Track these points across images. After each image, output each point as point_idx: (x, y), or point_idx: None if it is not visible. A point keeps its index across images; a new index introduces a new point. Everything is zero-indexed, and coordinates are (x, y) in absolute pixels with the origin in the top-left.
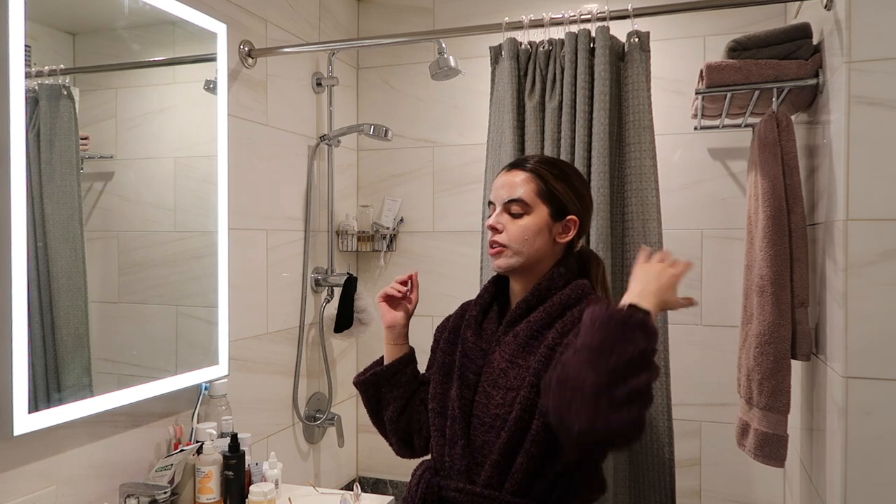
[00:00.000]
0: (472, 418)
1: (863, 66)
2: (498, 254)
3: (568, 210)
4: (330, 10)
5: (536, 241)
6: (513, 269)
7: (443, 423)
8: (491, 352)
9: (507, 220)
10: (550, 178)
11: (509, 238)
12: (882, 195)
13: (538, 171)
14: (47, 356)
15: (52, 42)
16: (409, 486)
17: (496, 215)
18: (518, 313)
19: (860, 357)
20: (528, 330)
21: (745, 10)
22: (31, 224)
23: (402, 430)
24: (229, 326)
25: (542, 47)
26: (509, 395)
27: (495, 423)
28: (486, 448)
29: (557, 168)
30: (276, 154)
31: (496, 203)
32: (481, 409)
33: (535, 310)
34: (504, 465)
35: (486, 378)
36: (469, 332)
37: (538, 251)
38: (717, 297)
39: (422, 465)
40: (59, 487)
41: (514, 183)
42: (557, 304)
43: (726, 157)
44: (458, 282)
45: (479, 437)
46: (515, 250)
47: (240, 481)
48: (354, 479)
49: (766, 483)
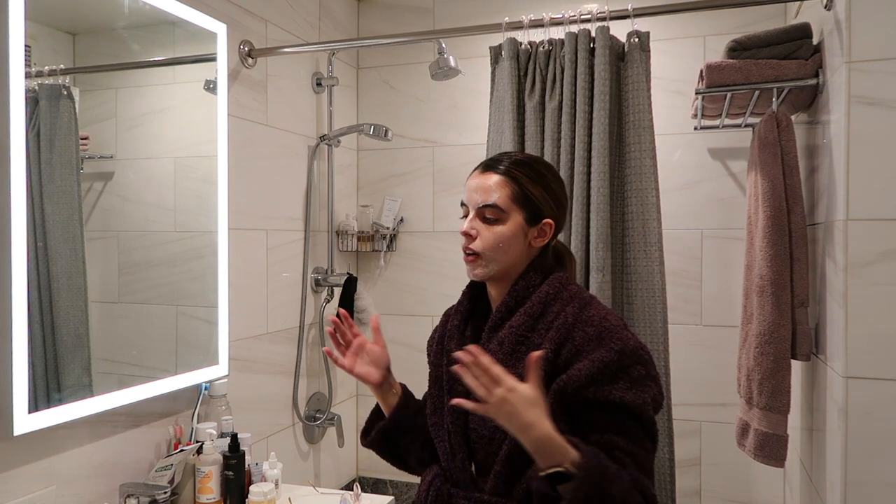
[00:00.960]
0: (470, 432)
1: (863, 66)
2: (473, 262)
3: (543, 214)
4: (330, 10)
5: (511, 247)
6: (489, 277)
7: (443, 436)
8: None
9: (481, 226)
10: (526, 181)
11: (483, 246)
12: (882, 195)
13: (513, 175)
14: (47, 356)
15: (52, 42)
16: (418, 492)
17: (469, 221)
18: (499, 318)
19: (860, 357)
20: (513, 336)
21: (745, 10)
22: (31, 224)
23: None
24: (229, 326)
25: (542, 47)
26: None
27: (494, 435)
28: (489, 460)
29: (532, 170)
30: (276, 154)
31: (469, 206)
32: (478, 422)
33: (516, 313)
34: (509, 476)
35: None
36: (452, 344)
37: (514, 257)
38: (717, 297)
39: (430, 471)
40: (59, 487)
41: (489, 187)
42: (537, 303)
43: (726, 157)
44: (458, 282)
45: (480, 449)
46: (490, 258)
47: (240, 481)
48: (354, 479)
49: (766, 483)
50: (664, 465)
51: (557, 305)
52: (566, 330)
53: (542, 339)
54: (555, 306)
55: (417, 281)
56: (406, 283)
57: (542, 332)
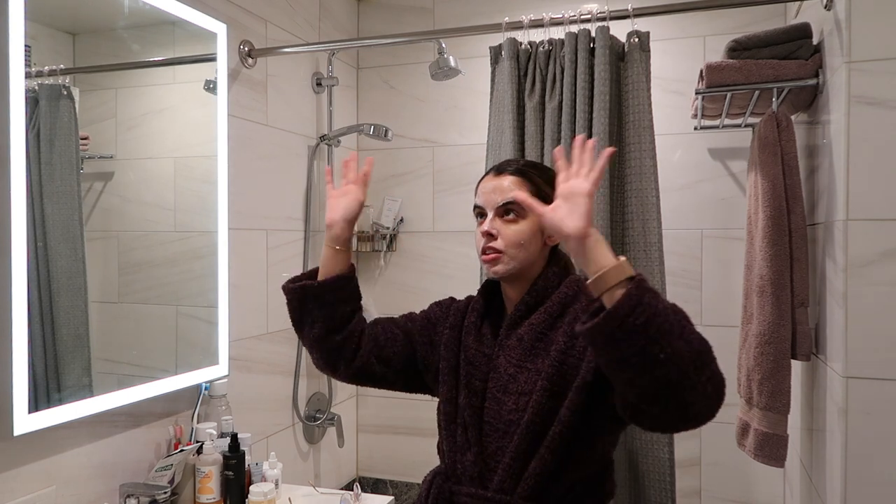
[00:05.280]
0: (484, 425)
1: (863, 66)
2: (494, 260)
3: None
4: (330, 10)
5: (531, 244)
6: (509, 275)
7: (454, 429)
8: (495, 357)
9: (501, 225)
10: (539, 181)
11: (505, 243)
12: (882, 195)
13: (527, 175)
14: (47, 356)
15: (52, 42)
16: (420, 492)
17: (490, 221)
18: (518, 315)
19: (860, 357)
20: (532, 332)
21: (745, 10)
22: (31, 224)
23: (326, 352)
24: (229, 326)
25: (542, 47)
26: (521, 399)
27: (509, 428)
28: (500, 453)
29: (543, 171)
30: (276, 154)
31: (486, 208)
32: (493, 415)
33: (535, 311)
34: (517, 470)
35: (495, 384)
36: (470, 339)
37: (532, 254)
38: (717, 297)
39: (432, 471)
40: (59, 487)
41: (506, 187)
42: (557, 303)
43: (726, 157)
44: (458, 282)
45: (492, 443)
46: (512, 255)
47: (240, 481)
48: (354, 479)
49: (766, 483)
50: (664, 465)
51: (577, 307)
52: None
53: (560, 336)
54: (575, 307)
55: (417, 281)
56: (406, 283)
57: (565, 333)
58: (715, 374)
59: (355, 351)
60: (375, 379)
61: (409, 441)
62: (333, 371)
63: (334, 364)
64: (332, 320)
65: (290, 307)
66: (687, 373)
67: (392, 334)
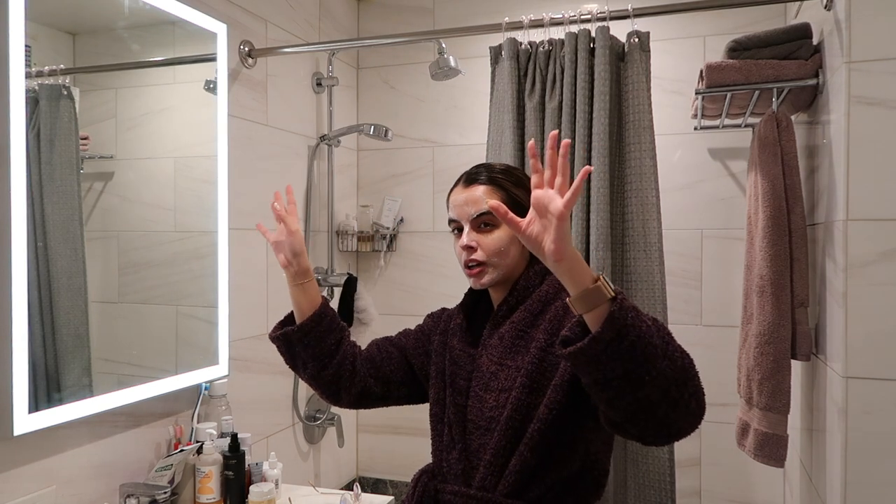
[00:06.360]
0: (468, 423)
1: (863, 66)
2: (480, 273)
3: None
4: (330, 10)
5: (511, 249)
6: (495, 283)
7: (441, 428)
8: (478, 356)
9: (479, 236)
10: (510, 186)
11: (486, 253)
12: (882, 195)
13: (496, 182)
14: (47, 356)
15: (52, 42)
16: (408, 491)
17: (467, 234)
18: (500, 315)
19: (860, 357)
20: (513, 330)
21: (745, 10)
22: (31, 224)
23: (324, 386)
24: (229, 326)
25: (542, 47)
26: (501, 396)
27: (490, 425)
28: (482, 450)
29: (512, 175)
30: (276, 154)
31: (461, 220)
32: (475, 413)
33: (517, 310)
34: (498, 467)
35: (477, 382)
36: (455, 340)
37: (514, 258)
38: (716, 297)
39: (420, 469)
40: (59, 487)
41: (478, 197)
42: (538, 301)
43: (726, 157)
44: (459, 282)
45: (474, 440)
46: (494, 264)
47: (240, 481)
48: (354, 479)
49: (766, 483)
50: (664, 465)
51: (558, 304)
52: (557, 321)
53: (540, 334)
54: (556, 304)
55: (417, 281)
56: (406, 283)
57: (545, 331)
58: (697, 389)
59: (352, 376)
60: (378, 399)
61: (409, 441)
62: (337, 401)
63: (336, 394)
64: (320, 357)
65: (281, 354)
66: (669, 391)
67: (387, 353)
